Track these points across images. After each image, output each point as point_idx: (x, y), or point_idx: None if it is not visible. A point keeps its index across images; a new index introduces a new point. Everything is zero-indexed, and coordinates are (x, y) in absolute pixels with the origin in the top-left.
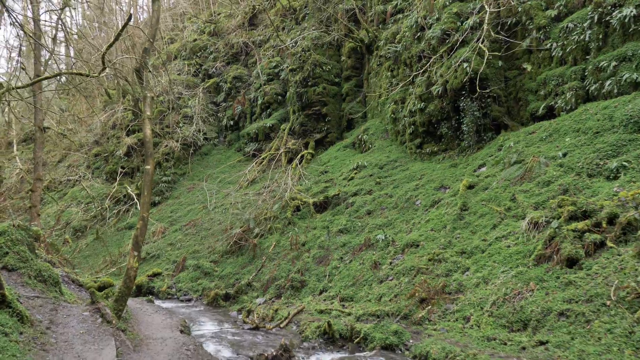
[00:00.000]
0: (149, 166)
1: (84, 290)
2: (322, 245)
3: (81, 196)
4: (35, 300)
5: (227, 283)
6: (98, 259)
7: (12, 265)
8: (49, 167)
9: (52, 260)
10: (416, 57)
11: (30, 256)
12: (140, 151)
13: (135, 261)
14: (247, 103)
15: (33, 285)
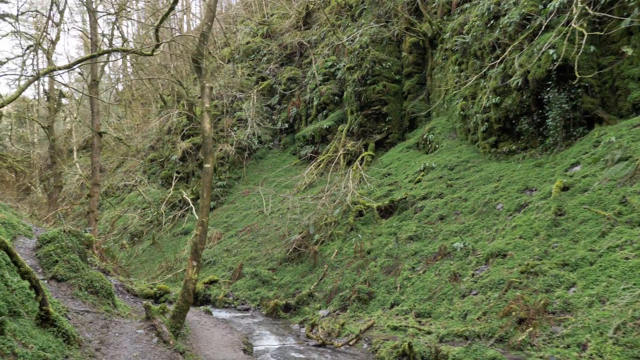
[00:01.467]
0: (209, 165)
1: (139, 301)
2: (390, 253)
3: (138, 201)
4: (85, 315)
5: (286, 292)
6: (154, 265)
7: (61, 276)
8: (107, 173)
9: (105, 269)
10: (489, 48)
11: (82, 265)
12: (195, 155)
13: (194, 272)
14: (302, 105)
15: (84, 298)
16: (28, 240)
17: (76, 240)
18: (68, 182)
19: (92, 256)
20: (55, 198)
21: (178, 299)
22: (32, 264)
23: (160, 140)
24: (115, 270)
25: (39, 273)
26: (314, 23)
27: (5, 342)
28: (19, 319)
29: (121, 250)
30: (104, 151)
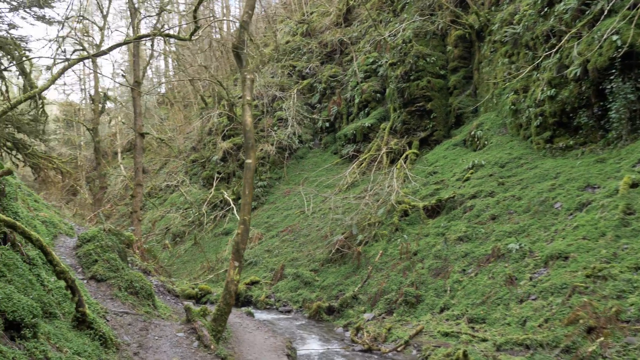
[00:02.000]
0: (250, 160)
1: (180, 302)
2: (439, 254)
3: (180, 202)
4: (124, 317)
5: (329, 294)
6: (196, 265)
7: (101, 275)
8: (150, 174)
9: (146, 269)
10: (542, 37)
11: (122, 265)
12: (235, 156)
13: (236, 273)
14: (343, 103)
15: (123, 299)
16: (69, 239)
17: (116, 239)
18: (112, 184)
19: (133, 256)
20: (100, 199)
21: (219, 301)
22: (71, 263)
23: (202, 141)
24: (156, 270)
25: (79, 272)
26: (355, 20)
27: (38, 346)
28: (55, 321)
29: (164, 250)
30: (147, 153)
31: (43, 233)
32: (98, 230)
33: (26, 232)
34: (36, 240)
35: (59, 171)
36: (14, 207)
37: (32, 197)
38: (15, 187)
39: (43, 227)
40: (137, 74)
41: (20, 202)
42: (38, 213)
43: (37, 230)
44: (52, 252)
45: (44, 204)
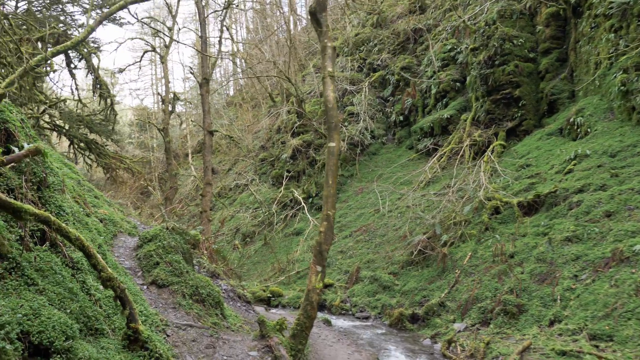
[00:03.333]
0: (334, 143)
1: (252, 309)
2: (542, 257)
3: (249, 202)
4: (188, 330)
5: (411, 300)
6: (266, 266)
7: (162, 280)
8: (220, 175)
9: (215, 271)
10: None
11: (186, 268)
12: (305, 153)
13: (318, 280)
14: (418, 95)
15: (187, 308)
16: (129, 239)
17: (180, 239)
18: (183, 184)
19: (200, 257)
20: (170, 199)
21: (299, 313)
22: (130, 266)
23: (270, 139)
24: (225, 273)
25: (138, 277)
26: (429, 6)
27: None
28: (101, 339)
29: (234, 251)
30: (217, 154)
31: (99, 231)
32: (160, 229)
33: (63, 229)
34: (75, 239)
35: (130, 171)
36: (57, 200)
37: (92, 193)
38: (62, 177)
39: (100, 225)
40: (205, 71)
41: (68, 195)
42: (97, 210)
43: (88, 227)
44: (96, 255)
45: (106, 201)
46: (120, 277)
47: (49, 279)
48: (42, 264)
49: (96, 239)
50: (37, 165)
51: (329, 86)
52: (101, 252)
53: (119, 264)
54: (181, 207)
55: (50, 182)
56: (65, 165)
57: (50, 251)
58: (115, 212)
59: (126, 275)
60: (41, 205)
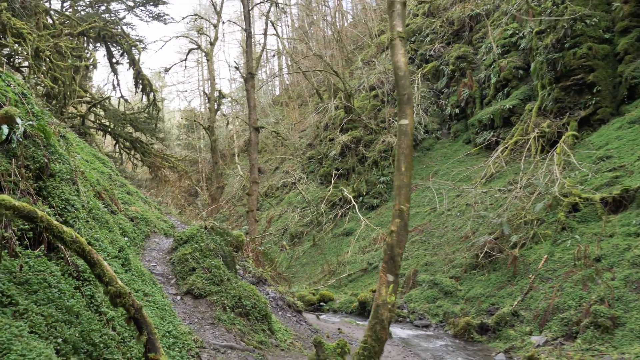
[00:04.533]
0: (406, 120)
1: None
2: (638, 262)
3: (297, 201)
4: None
5: (478, 308)
6: (315, 268)
7: (199, 290)
8: (267, 174)
9: (261, 276)
10: None
11: (227, 274)
12: (354, 150)
13: (389, 293)
14: (476, 85)
15: (228, 323)
16: (164, 240)
17: (221, 240)
18: (230, 183)
19: (245, 260)
20: (217, 198)
21: (366, 335)
22: (163, 272)
23: (318, 137)
24: (273, 277)
25: (171, 285)
26: None
27: None
28: None
29: (281, 252)
30: (263, 154)
31: (126, 232)
32: (197, 229)
33: (54, 228)
34: (72, 242)
35: (175, 170)
36: (64, 192)
37: (124, 189)
38: (75, 165)
39: (129, 225)
40: (250, 65)
41: (83, 187)
42: (128, 207)
43: (108, 226)
44: (101, 262)
45: (142, 198)
46: (147, 286)
47: (36, 296)
48: (30, 275)
49: (117, 241)
50: (36, 149)
51: (399, 50)
52: (122, 256)
53: (149, 270)
54: (228, 207)
55: (56, 170)
56: (97, 159)
57: (47, 257)
58: (151, 210)
59: (154, 284)
60: (39, 199)
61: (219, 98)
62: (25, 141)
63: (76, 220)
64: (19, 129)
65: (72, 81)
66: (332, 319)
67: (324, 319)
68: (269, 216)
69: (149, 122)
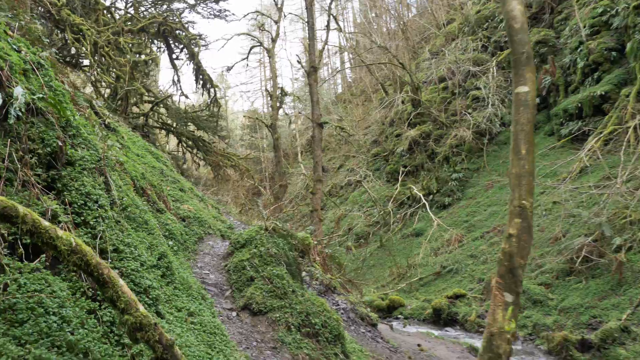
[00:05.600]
0: (526, 87)
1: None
2: None
3: (362, 200)
4: None
5: (575, 321)
6: (383, 270)
7: (258, 305)
8: (330, 173)
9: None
10: None
11: (292, 285)
12: (423, 145)
13: (509, 316)
14: (559, 72)
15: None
16: (220, 243)
17: (284, 243)
18: (293, 183)
19: (311, 265)
20: (280, 197)
21: None
22: (216, 282)
23: (383, 133)
24: (343, 285)
25: (226, 297)
26: None
27: None
28: None
29: (347, 254)
30: (327, 152)
31: (173, 234)
32: (257, 230)
33: (43, 232)
34: (69, 251)
35: (237, 168)
36: (85, 184)
37: (177, 185)
38: (105, 153)
39: (178, 225)
40: (313, 58)
41: (112, 179)
42: (180, 205)
43: (147, 228)
44: (116, 281)
45: (197, 195)
46: (193, 302)
47: (22, 329)
48: (18, 298)
49: (158, 246)
50: (47, 129)
51: None
52: (163, 264)
53: (200, 279)
54: (291, 207)
55: (76, 157)
56: (150, 154)
57: (51, 271)
58: (208, 208)
59: (204, 299)
60: (50, 192)
61: (282, 95)
62: (33, 119)
63: (98, 220)
64: (18, 100)
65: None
66: (407, 329)
67: (397, 328)
68: (337, 216)
69: (211, 120)
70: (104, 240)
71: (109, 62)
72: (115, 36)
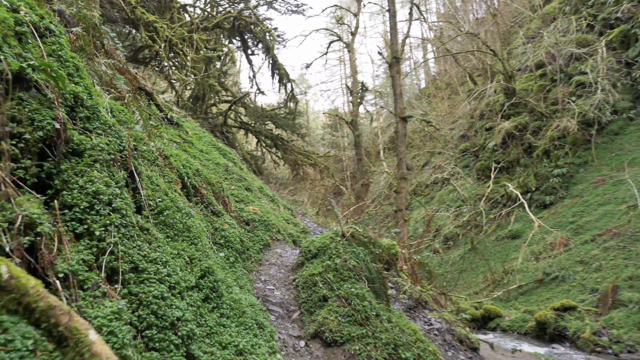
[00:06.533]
0: None
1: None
2: None
3: (450, 199)
4: None
5: None
6: (476, 276)
7: (332, 333)
8: (415, 171)
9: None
10: None
11: (376, 307)
12: (519, 138)
13: None
14: None
15: None
16: (289, 251)
17: (365, 253)
18: (375, 181)
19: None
20: (362, 197)
21: None
22: (281, 300)
23: (472, 127)
24: (436, 299)
25: (292, 322)
26: None
27: None
28: None
29: (434, 257)
30: (410, 149)
31: (230, 241)
32: (332, 237)
33: None
34: None
35: (317, 167)
36: (94, 180)
37: (243, 183)
38: (129, 142)
39: (236, 231)
40: (395, 48)
41: (136, 170)
42: (244, 206)
43: (189, 236)
44: (80, 332)
45: (267, 195)
46: (246, 334)
47: None
48: None
49: (201, 259)
50: (41, 107)
51: None
52: (207, 284)
53: (262, 297)
54: (373, 207)
55: (86, 145)
56: (217, 149)
57: None
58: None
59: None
60: (44, 192)
61: (362, 91)
62: (22, 94)
63: (109, 229)
64: None
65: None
66: (509, 344)
67: (498, 343)
68: (427, 216)
69: (289, 118)
70: (117, 256)
71: (183, 59)
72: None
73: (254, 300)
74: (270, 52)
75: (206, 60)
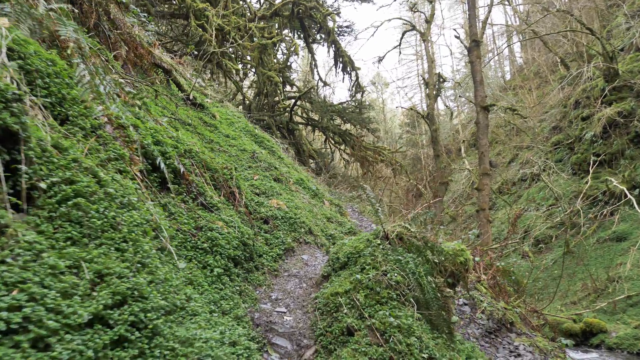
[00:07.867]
0: None
1: None
2: None
3: (540, 197)
4: None
5: None
6: (573, 283)
7: None
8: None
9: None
10: None
11: (430, 348)
12: (624, 127)
13: None
14: None
15: None
16: (319, 258)
17: (417, 262)
18: (455, 180)
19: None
20: (441, 196)
21: None
22: (293, 329)
23: (566, 117)
24: (525, 319)
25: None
26: None
27: None
28: None
29: (525, 260)
30: (494, 145)
31: (220, 244)
32: (369, 239)
33: None
34: None
35: (390, 164)
36: None
37: (270, 173)
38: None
39: (234, 231)
40: (474, 31)
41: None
42: (267, 199)
43: (115, 239)
44: None
45: (308, 188)
46: None
47: None
48: None
49: (130, 275)
50: None
51: None
52: (130, 313)
53: (265, 324)
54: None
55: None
56: (250, 135)
57: None
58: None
59: None
60: None
61: (439, 82)
62: None
63: None
64: None
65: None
66: None
67: None
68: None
69: (356, 112)
70: None
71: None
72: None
73: (241, 333)
74: (331, 35)
75: (261, 48)
